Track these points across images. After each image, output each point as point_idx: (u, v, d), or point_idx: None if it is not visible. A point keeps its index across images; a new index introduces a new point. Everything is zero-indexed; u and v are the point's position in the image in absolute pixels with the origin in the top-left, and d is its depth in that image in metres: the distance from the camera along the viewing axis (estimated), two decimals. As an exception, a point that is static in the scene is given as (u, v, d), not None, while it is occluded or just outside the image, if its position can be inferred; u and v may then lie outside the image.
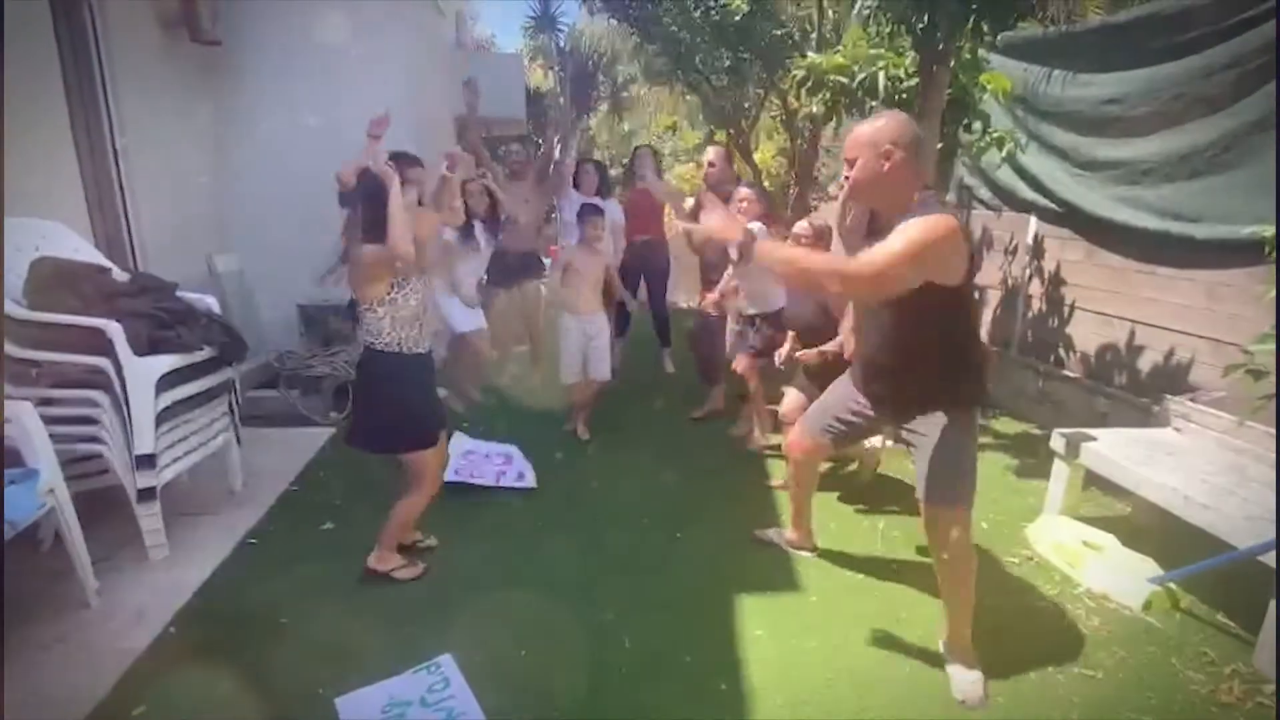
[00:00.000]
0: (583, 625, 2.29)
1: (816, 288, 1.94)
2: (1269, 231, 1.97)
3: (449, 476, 3.25)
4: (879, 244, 1.77)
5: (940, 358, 1.93)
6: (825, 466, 3.18)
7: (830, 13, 4.88)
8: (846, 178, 1.92)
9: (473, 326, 4.16)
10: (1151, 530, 2.78)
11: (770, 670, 2.10)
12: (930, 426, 1.97)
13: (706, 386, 4.26)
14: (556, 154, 4.93)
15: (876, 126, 1.87)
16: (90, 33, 3.46)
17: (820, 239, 3.02)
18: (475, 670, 2.04)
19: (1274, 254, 1.93)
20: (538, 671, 2.08)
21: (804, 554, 2.73)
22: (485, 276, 4.37)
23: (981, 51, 3.98)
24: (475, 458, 3.41)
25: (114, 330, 2.37)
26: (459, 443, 3.48)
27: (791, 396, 3.16)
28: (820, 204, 7.32)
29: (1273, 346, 1.88)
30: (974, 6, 3.03)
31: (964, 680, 2.02)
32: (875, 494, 3.28)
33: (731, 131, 6.89)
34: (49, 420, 2.24)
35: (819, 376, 2.87)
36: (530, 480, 3.34)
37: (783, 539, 2.78)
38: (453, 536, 2.82)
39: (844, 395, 2.27)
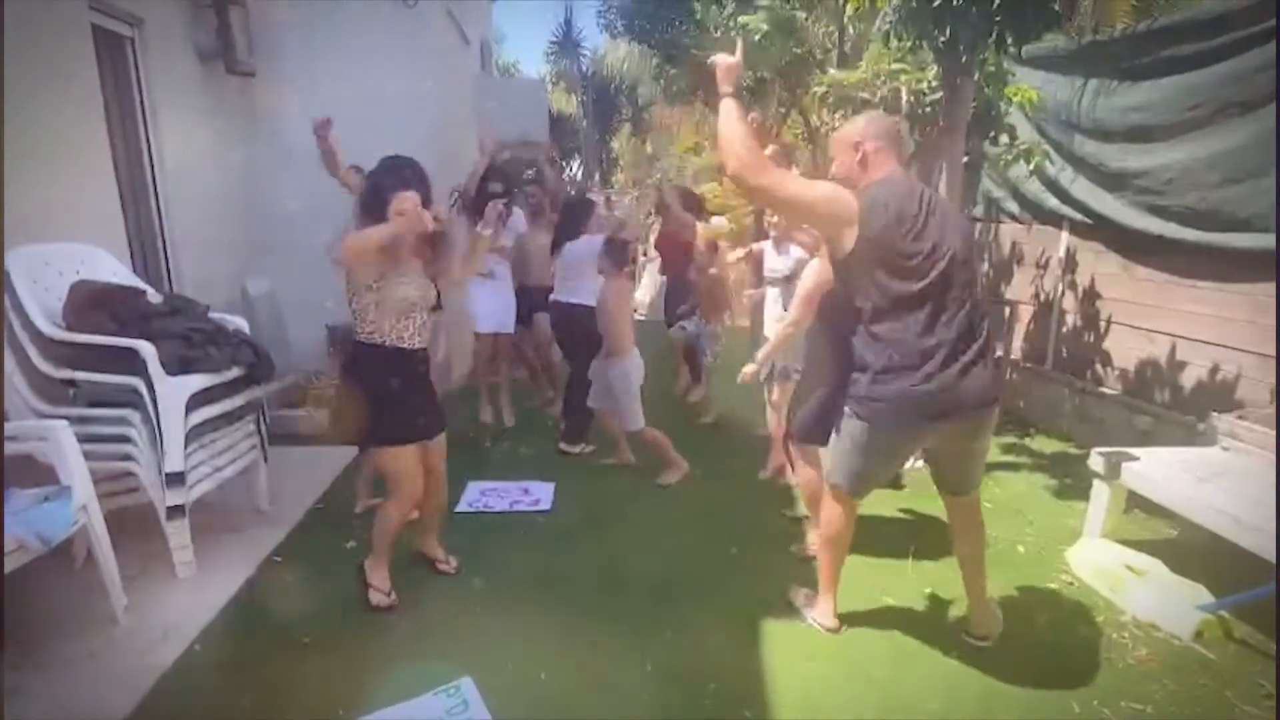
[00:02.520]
0: (603, 648, 2.25)
1: (722, 153, 1.98)
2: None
3: (462, 508, 3.26)
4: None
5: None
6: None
7: (851, 29, 4.88)
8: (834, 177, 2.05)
9: (495, 326, 4.11)
10: (1200, 554, 2.64)
11: (795, 699, 2.03)
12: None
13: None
14: (579, 176, 4.97)
15: (850, 126, 2.10)
16: (132, 66, 3.61)
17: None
18: (495, 693, 2.01)
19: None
20: (558, 695, 2.04)
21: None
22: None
23: (1006, 63, 3.93)
24: (492, 495, 3.42)
25: (147, 350, 2.43)
26: (477, 485, 3.50)
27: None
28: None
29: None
30: (997, 19, 2.99)
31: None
32: (904, 525, 3.19)
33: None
34: (83, 439, 2.30)
35: None
36: (546, 503, 3.32)
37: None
38: (473, 557, 2.81)
39: None
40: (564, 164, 12.70)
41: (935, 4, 2.91)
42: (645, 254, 5.34)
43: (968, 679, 2.12)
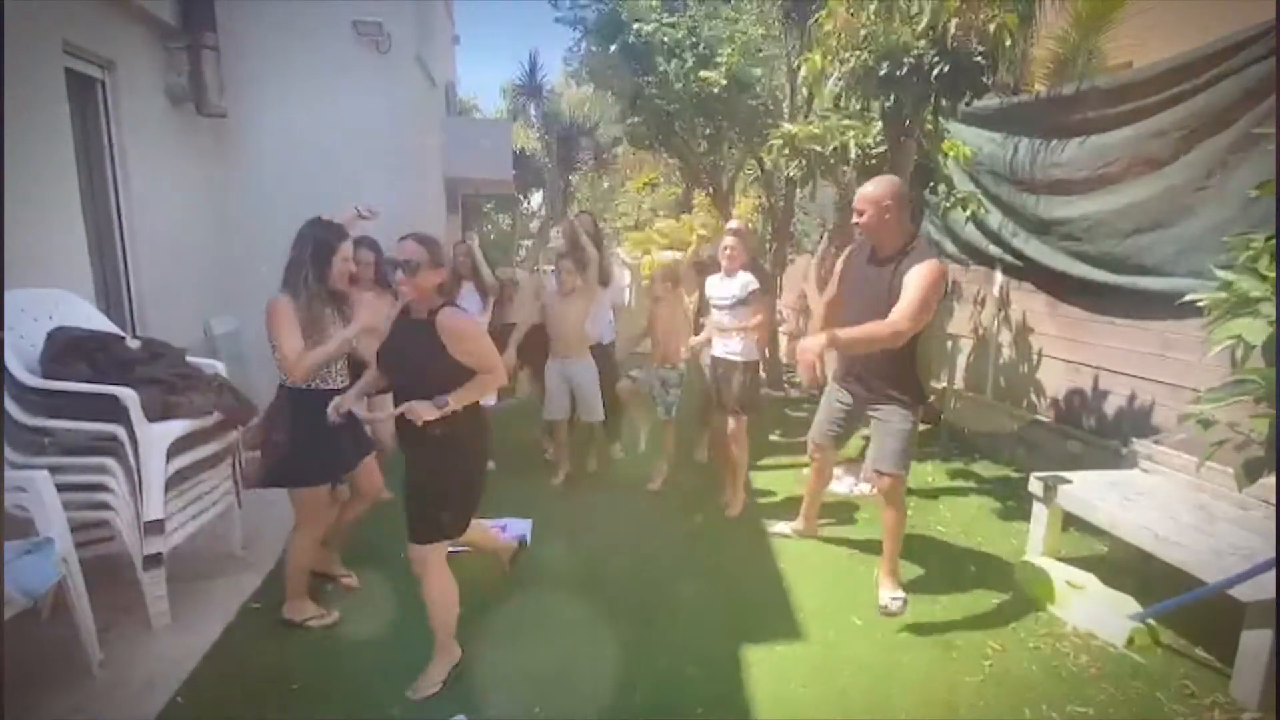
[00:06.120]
0: (593, 679, 2.33)
1: (882, 346, 2.50)
2: (1205, 298, 2.20)
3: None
4: (905, 298, 2.41)
5: (906, 363, 2.65)
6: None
7: (804, 91, 5.26)
8: (857, 224, 2.63)
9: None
10: (1128, 568, 2.92)
11: (778, 717, 2.15)
12: (889, 414, 2.68)
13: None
14: (543, 210, 5.09)
15: (879, 188, 2.58)
16: (101, 109, 3.60)
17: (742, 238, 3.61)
18: (490, 729, 2.07)
19: (1212, 315, 2.14)
20: (552, 728, 2.11)
21: (808, 539, 3.32)
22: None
23: (943, 121, 4.33)
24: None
25: (128, 397, 2.42)
26: None
27: None
28: (795, 257, 7.65)
29: (1218, 403, 2.07)
30: (934, 87, 3.34)
31: (891, 596, 2.76)
32: (861, 548, 3.40)
33: (711, 190, 7.23)
34: (58, 488, 2.26)
35: None
36: (525, 536, 3.37)
37: (792, 528, 3.36)
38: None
39: (829, 404, 2.97)
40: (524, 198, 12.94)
41: (881, 74, 3.23)
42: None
43: (931, 690, 2.29)
